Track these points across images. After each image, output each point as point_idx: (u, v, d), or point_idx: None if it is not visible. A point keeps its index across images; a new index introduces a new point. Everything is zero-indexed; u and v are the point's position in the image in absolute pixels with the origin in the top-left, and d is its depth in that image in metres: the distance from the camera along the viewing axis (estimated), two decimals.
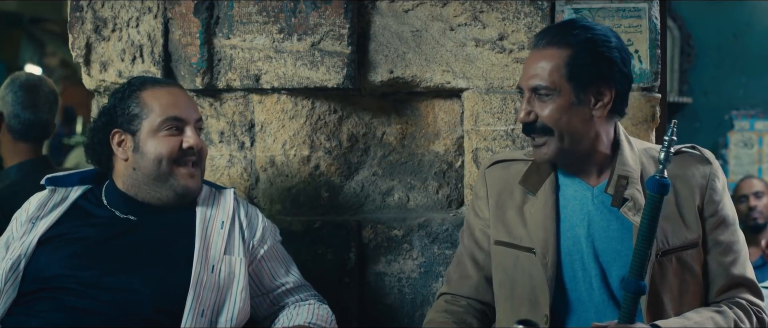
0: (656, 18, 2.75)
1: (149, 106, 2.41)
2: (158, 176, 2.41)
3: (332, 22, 2.78)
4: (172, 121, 2.41)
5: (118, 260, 2.33)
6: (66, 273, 2.31)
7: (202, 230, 2.41)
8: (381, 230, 2.84)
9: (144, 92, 2.43)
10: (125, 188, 2.44)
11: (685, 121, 7.28)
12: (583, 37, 2.18)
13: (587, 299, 2.22)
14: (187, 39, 2.80)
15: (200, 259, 2.35)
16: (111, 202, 2.46)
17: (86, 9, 2.82)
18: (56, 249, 2.36)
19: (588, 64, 2.18)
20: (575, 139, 2.21)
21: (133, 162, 2.42)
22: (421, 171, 2.91)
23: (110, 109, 2.45)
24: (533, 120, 2.21)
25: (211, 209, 2.47)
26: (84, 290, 2.28)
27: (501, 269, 2.32)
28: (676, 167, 2.26)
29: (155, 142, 2.40)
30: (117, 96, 2.46)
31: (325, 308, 2.53)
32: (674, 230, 2.21)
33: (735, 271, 2.25)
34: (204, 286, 2.33)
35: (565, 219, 2.26)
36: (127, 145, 2.42)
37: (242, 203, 2.56)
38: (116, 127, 2.43)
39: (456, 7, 2.79)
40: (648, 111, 2.75)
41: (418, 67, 2.81)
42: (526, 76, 2.23)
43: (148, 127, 2.40)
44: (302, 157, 2.88)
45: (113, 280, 2.29)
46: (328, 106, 2.88)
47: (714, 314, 2.17)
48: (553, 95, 2.18)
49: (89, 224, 2.41)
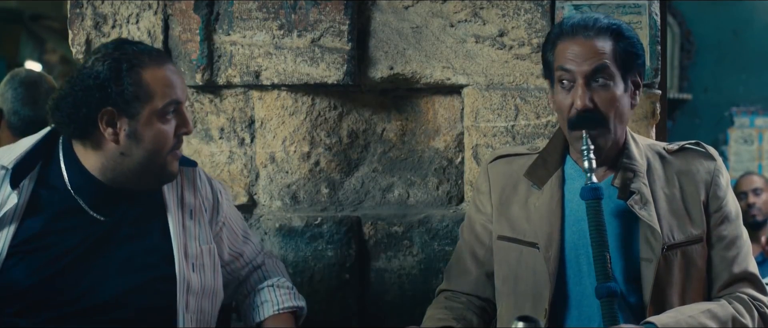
0: (656, 14, 2.75)
1: (151, 88, 2.14)
2: (150, 165, 2.18)
3: (332, 18, 2.78)
4: (173, 104, 2.18)
5: (96, 269, 2.17)
6: (43, 287, 2.13)
7: (176, 227, 2.26)
8: (381, 226, 2.84)
9: (144, 71, 2.14)
10: (99, 173, 2.18)
11: (686, 118, 7.29)
12: (620, 29, 2.20)
13: (591, 293, 2.22)
14: (187, 35, 2.80)
15: (181, 260, 2.24)
16: (76, 187, 2.19)
17: (86, 5, 2.82)
18: (27, 258, 2.14)
19: (629, 55, 2.20)
20: (619, 129, 2.23)
21: (124, 147, 2.15)
22: (421, 167, 2.91)
23: (104, 84, 2.12)
24: (594, 107, 2.17)
25: (178, 196, 2.31)
26: (64, 305, 2.14)
27: (504, 264, 2.32)
28: (680, 162, 2.28)
29: (154, 130, 2.15)
30: (110, 67, 2.13)
31: (283, 281, 2.50)
32: (679, 225, 2.22)
33: (738, 266, 2.26)
34: (190, 292, 2.24)
35: (571, 213, 2.26)
36: (121, 128, 2.14)
37: (203, 178, 2.41)
38: (109, 106, 2.12)
39: (456, 4, 2.79)
40: (648, 108, 2.75)
41: (418, 63, 2.81)
42: (579, 60, 2.17)
43: (149, 112, 2.14)
44: (302, 154, 2.88)
45: (93, 298, 2.15)
46: (328, 103, 2.88)
47: (711, 305, 2.18)
48: (610, 81, 2.17)
49: (60, 230, 2.18)
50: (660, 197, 2.23)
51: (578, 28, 2.21)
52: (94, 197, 2.20)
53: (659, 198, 2.22)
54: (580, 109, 2.16)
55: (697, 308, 2.16)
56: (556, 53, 2.22)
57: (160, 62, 2.19)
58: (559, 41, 2.22)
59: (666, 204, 2.23)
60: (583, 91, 2.16)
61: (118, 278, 2.18)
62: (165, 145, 2.18)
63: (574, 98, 2.17)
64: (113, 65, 2.13)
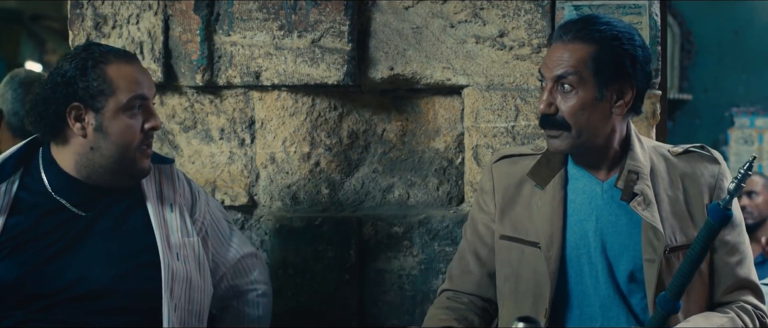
0: (656, 15, 2.75)
1: (115, 83, 2.22)
2: (120, 160, 2.26)
3: (332, 19, 2.78)
4: (138, 99, 2.25)
5: (81, 260, 2.23)
6: (29, 280, 2.19)
7: (157, 217, 2.32)
8: (381, 227, 2.84)
9: (108, 67, 2.23)
10: (74, 171, 2.27)
11: (686, 119, 7.29)
12: (609, 33, 2.17)
13: (593, 293, 2.22)
14: (188, 36, 2.80)
15: (164, 249, 2.28)
16: (56, 189, 2.28)
17: (86, 6, 2.82)
18: (11, 257, 2.21)
19: (613, 61, 2.16)
20: (591, 135, 2.20)
21: (92, 141, 2.24)
22: (421, 168, 2.91)
23: (70, 80, 2.22)
24: (554, 112, 2.18)
25: (157, 190, 2.38)
26: (51, 296, 2.19)
27: (506, 264, 2.32)
28: (685, 165, 2.27)
29: (120, 124, 2.23)
30: (76, 66, 2.23)
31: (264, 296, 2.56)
32: (682, 227, 2.22)
33: (741, 272, 2.26)
34: (175, 279, 2.28)
35: (573, 213, 2.26)
36: (88, 122, 2.23)
37: (180, 176, 2.47)
38: (76, 101, 2.22)
39: (456, 4, 2.79)
40: (648, 108, 2.75)
41: (419, 64, 2.81)
42: (550, 65, 2.19)
43: (114, 106, 2.22)
44: (302, 154, 2.88)
45: (80, 287, 2.21)
46: (328, 103, 2.88)
47: (724, 321, 2.18)
48: (577, 88, 2.16)
49: (43, 227, 2.25)
50: (663, 199, 2.22)
51: (561, 31, 2.22)
52: (74, 195, 2.28)
53: (662, 200, 2.22)
54: (540, 113, 2.20)
55: (710, 322, 2.17)
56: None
57: (125, 60, 2.29)
58: (551, 43, 2.25)
59: (669, 206, 2.22)
60: (545, 96, 2.18)
61: (103, 267, 2.24)
62: (132, 140, 2.26)
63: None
64: (80, 63, 2.24)
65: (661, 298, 2.02)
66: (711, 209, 1.99)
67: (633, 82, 2.19)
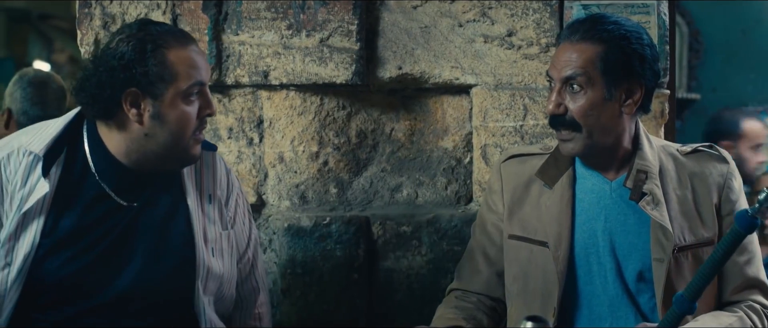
0: (665, 14, 2.74)
1: (175, 69, 2.13)
2: (174, 147, 2.17)
3: (341, 18, 2.78)
4: (197, 85, 2.17)
5: (122, 258, 2.19)
6: (73, 280, 2.15)
7: (197, 211, 2.28)
8: (390, 226, 2.84)
9: (169, 51, 2.13)
10: (124, 156, 2.18)
11: (694, 118, 7.27)
12: (617, 32, 2.17)
13: (601, 293, 2.22)
14: (196, 35, 2.80)
15: (200, 245, 2.24)
16: (101, 172, 2.19)
17: (95, 5, 2.82)
18: (59, 251, 2.15)
19: (621, 61, 2.16)
20: (602, 135, 2.20)
21: (148, 128, 2.14)
22: (429, 167, 2.91)
23: (128, 64, 2.11)
24: (563, 113, 2.19)
25: (196, 179, 2.32)
26: (89, 297, 2.16)
27: (515, 263, 2.32)
28: (693, 164, 2.28)
29: (178, 112, 2.14)
30: (134, 48, 2.12)
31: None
32: (690, 227, 2.22)
33: (750, 271, 2.26)
34: (210, 276, 2.26)
35: (582, 212, 2.26)
36: (145, 109, 2.13)
37: (222, 165, 2.41)
38: (133, 87, 2.11)
39: (464, 4, 2.79)
40: (657, 107, 2.75)
41: (427, 63, 2.81)
42: (558, 66, 2.19)
43: (173, 93, 2.13)
44: (311, 154, 2.88)
45: (126, 286, 2.17)
46: (336, 103, 2.88)
47: (732, 320, 2.18)
48: (586, 89, 2.16)
49: (89, 220, 2.18)
50: (672, 198, 2.22)
51: (568, 31, 2.22)
52: (117, 181, 2.20)
53: (671, 199, 2.22)
54: (549, 114, 2.20)
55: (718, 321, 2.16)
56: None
57: (184, 43, 2.18)
58: (559, 43, 2.25)
59: (678, 205, 2.22)
60: (554, 97, 2.19)
61: (141, 266, 2.19)
62: (188, 127, 2.17)
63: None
64: (137, 46, 2.12)
65: (678, 297, 2.00)
66: (738, 216, 1.96)
67: (642, 81, 2.19)
